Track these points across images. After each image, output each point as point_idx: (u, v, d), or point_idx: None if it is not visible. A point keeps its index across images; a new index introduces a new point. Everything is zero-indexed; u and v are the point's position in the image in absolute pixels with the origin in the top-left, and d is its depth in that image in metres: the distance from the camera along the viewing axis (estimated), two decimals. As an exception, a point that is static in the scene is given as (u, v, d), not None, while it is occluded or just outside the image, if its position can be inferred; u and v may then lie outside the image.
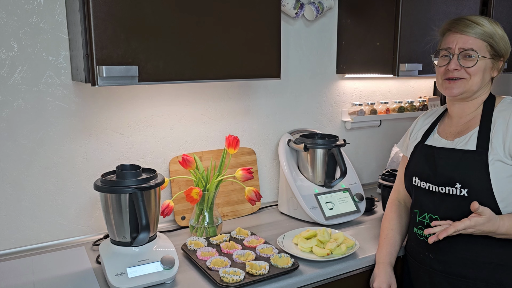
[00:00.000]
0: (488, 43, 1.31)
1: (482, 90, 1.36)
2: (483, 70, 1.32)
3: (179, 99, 1.78)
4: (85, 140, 1.61)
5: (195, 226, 1.62)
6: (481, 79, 1.33)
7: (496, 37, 1.32)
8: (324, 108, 2.17)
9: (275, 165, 2.06)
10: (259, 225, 1.81)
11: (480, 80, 1.33)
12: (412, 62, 1.84)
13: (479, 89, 1.34)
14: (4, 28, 1.42)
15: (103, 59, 1.23)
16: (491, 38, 1.31)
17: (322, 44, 2.10)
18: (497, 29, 1.33)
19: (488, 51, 1.32)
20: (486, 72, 1.33)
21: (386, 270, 1.44)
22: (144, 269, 1.28)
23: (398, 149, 2.32)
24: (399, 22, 1.79)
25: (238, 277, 1.27)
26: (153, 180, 1.34)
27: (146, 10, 1.28)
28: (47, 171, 1.56)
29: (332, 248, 1.46)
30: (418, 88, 2.49)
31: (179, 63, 1.36)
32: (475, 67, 1.31)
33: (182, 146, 1.81)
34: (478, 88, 1.34)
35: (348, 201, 1.84)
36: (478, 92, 1.35)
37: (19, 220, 1.54)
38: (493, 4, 2.10)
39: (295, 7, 1.91)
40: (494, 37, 1.31)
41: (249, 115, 1.96)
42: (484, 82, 1.34)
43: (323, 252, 1.45)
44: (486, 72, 1.33)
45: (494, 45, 1.32)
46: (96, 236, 1.65)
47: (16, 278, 1.35)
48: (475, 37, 1.31)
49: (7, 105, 1.47)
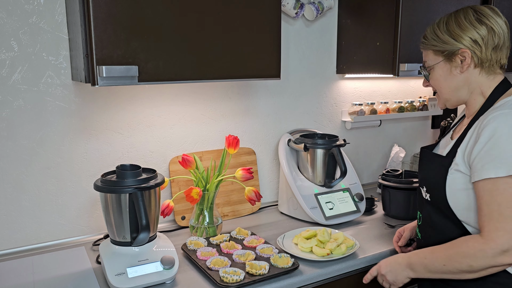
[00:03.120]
0: (431, 50, 1.27)
1: (465, 89, 1.26)
2: (441, 76, 1.27)
3: (179, 99, 1.78)
4: (85, 140, 1.61)
5: (195, 226, 1.62)
6: (447, 84, 1.26)
7: (434, 40, 1.26)
8: (324, 108, 2.17)
9: (275, 165, 2.06)
10: (259, 225, 1.81)
11: (447, 85, 1.27)
12: (412, 62, 1.83)
13: (457, 91, 1.26)
14: (4, 28, 1.42)
15: (103, 59, 1.23)
16: (431, 44, 1.27)
17: (322, 44, 2.10)
18: (437, 31, 1.26)
19: (438, 54, 1.26)
20: (447, 75, 1.26)
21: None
22: (144, 269, 1.28)
23: (398, 149, 2.33)
24: (399, 22, 1.79)
25: (238, 277, 1.27)
26: (153, 180, 1.34)
27: (146, 10, 1.28)
28: (47, 171, 1.56)
29: (332, 248, 1.47)
30: (418, 88, 2.49)
31: (179, 63, 1.36)
32: (432, 79, 1.30)
33: (182, 146, 1.81)
34: (451, 95, 1.28)
35: (348, 201, 1.84)
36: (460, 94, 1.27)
37: (19, 220, 1.54)
38: (493, 4, 2.10)
39: (295, 7, 1.91)
40: (432, 42, 1.27)
41: (249, 115, 1.96)
42: (455, 84, 1.26)
43: (323, 252, 1.45)
44: (448, 76, 1.26)
45: (436, 48, 1.26)
46: (96, 236, 1.65)
47: (16, 278, 1.35)
48: (424, 50, 1.32)
49: (7, 105, 1.47)
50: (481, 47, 1.20)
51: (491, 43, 1.20)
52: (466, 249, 1.12)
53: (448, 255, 1.16)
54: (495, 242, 1.07)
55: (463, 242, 1.14)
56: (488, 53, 1.21)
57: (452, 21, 1.24)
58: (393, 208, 1.85)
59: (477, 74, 1.24)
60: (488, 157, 1.10)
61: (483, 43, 1.20)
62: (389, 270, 1.30)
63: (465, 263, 1.12)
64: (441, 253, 1.18)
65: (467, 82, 1.25)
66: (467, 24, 1.21)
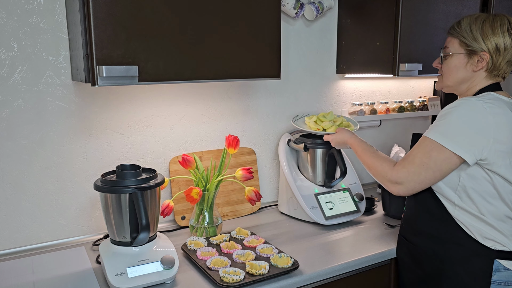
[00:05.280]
0: (459, 39, 1.37)
1: (467, 84, 1.39)
2: (455, 66, 1.38)
3: (179, 99, 1.78)
4: (85, 140, 1.61)
5: (195, 226, 1.62)
6: (456, 75, 1.39)
7: (466, 32, 1.35)
8: (324, 108, 2.17)
9: (275, 165, 2.06)
10: (259, 225, 1.81)
11: (455, 76, 1.39)
12: (412, 62, 1.84)
13: (460, 83, 1.40)
14: (4, 28, 1.42)
15: (103, 59, 1.23)
16: (461, 35, 1.36)
17: (322, 44, 2.10)
18: (473, 25, 1.34)
19: (463, 47, 1.36)
20: (460, 68, 1.38)
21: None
22: (144, 269, 1.28)
23: (398, 149, 2.33)
24: (399, 22, 1.79)
25: (238, 277, 1.27)
26: (153, 180, 1.34)
27: (146, 10, 1.28)
28: (47, 171, 1.56)
29: (326, 126, 1.76)
30: (418, 88, 2.49)
31: (179, 63, 1.36)
32: (445, 64, 1.42)
33: (182, 146, 1.81)
34: (454, 84, 1.41)
35: (348, 201, 1.84)
36: (461, 86, 1.41)
37: (19, 220, 1.54)
38: (493, 4, 2.10)
39: (295, 7, 1.91)
40: (463, 33, 1.35)
41: (249, 115, 1.96)
42: (462, 77, 1.38)
43: (314, 127, 1.77)
44: (460, 68, 1.37)
45: (464, 40, 1.35)
46: (96, 236, 1.65)
47: (16, 278, 1.35)
48: (450, 36, 1.41)
49: (7, 105, 1.47)
50: (500, 56, 1.33)
51: (508, 56, 1.33)
52: (379, 166, 1.41)
53: (369, 161, 1.45)
54: (397, 173, 1.35)
55: (382, 161, 1.41)
56: (502, 63, 1.34)
57: (489, 23, 1.33)
58: (393, 208, 1.85)
59: (483, 77, 1.37)
60: (436, 123, 1.32)
61: (503, 53, 1.32)
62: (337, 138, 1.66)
63: (372, 172, 1.45)
64: (366, 156, 1.47)
65: (471, 79, 1.38)
66: (499, 31, 1.32)
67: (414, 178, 1.32)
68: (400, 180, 1.34)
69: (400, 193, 1.36)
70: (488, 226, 1.31)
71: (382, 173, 1.39)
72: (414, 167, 1.32)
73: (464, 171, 1.30)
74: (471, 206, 1.31)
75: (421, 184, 1.33)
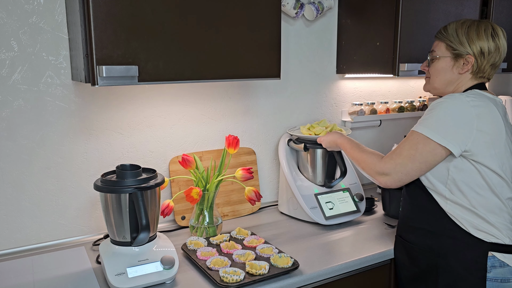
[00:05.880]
0: (445, 43, 1.42)
1: (453, 86, 1.45)
2: (442, 68, 1.44)
3: (179, 99, 1.78)
4: (85, 140, 1.61)
5: (195, 226, 1.62)
6: (443, 77, 1.45)
7: (452, 36, 1.41)
8: (324, 108, 2.17)
9: (275, 165, 2.06)
10: (259, 225, 1.81)
11: (442, 78, 1.45)
12: (412, 62, 1.84)
13: (447, 85, 1.45)
14: (4, 28, 1.42)
15: (103, 59, 1.23)
16: (448, 39, 1.42)
17: (322, 44, 2.10)
18: (459, 30, 1.40)
19: (449, 50, 1.42)
20: (447, 70, 1.43)
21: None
22: (144, 269, 1.28)
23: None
24: (399, 22, 1.79)
25: (238, 277, 1.27)
26: (153, 180, 1.34)
27: (146, 10, 1.28)
28: (47, 171, 1.56)
29: (317, 131, 1.81)
30: (418, 88, 2.49)
31: (179, 63, 1.36)
32: (432, 67, 1.47)
33: (182, 146, 1.81)
34: (441, 86, 1.46)
35: (348, 201, 1.84)
36: (447, 88, 1.46)
37: (19, 220, 1.54)
38: (493, 4, 2.10)
39: (295, 7, 1.91)
40: (450, 37, 1.41)
41: (249, 115, 1.96)
42: (449, 79, 1.44)
43: (306, 132, 1.84)
44: (447, 71, 1.43)
45: (451, 44, 1.41)
46: (96, 236, 1.65)
47: (16, 278, 1.35)
48: (437, 40, 1.46)
49: (7, 105, 1.47)
50: (484, 59, 1.39)
51: (492, 60, 1.39)
52: (368, 159, 1.45)
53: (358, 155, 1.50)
54: (384, 164, 1.40)
55: (371, 154, 1.46)
56: (486, 66, 1.40)
57: (474, 28, 1.39)
58: (393, 208, 1.85)
59: (468, 78, 1.43)
60: (423, 117, 1.37)
61: (487, 56, 1.39)
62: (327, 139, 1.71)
63: (361, 165, 1.48)
64: (355, 152, 1.52)
65: (457, 81, 1.44)
66: (484, 35, 1.38)
67: (401, 169, 1.36)
68: (387, 171, 1.38)
69: (388, 184, 1.40)
70: (480, 218, 1.34)
71: (370, 165, 1.43)
72: (401, 158, 1.36)
73: (451, 163, 1.34)
74: (462, 199, 1.34)
75: (408, 175, 1.37)
